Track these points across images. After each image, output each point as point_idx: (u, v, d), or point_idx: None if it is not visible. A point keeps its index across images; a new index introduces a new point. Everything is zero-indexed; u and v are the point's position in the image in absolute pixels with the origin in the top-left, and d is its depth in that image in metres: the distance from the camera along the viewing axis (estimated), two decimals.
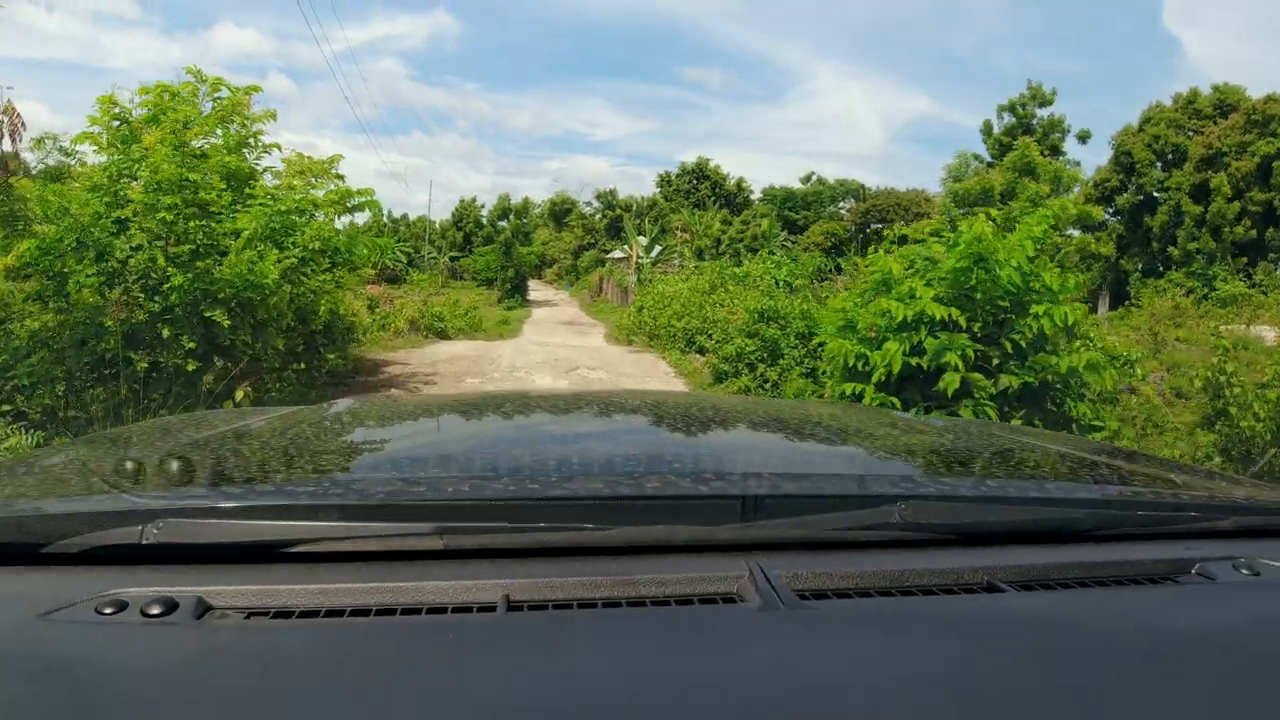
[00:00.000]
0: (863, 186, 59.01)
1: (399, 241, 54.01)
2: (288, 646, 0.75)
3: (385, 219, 57.33)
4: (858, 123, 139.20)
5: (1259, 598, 0.93)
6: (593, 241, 53.58)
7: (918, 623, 0.83)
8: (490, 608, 0.82)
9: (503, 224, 54.50)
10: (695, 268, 23.06)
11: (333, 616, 0.80)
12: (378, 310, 17.56)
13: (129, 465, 1.32)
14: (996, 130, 29.30)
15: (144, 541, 0.88)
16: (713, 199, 49.64)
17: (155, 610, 0.78)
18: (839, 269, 20.46)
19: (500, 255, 35.35)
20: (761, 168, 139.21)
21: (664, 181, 58.74)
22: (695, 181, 56.89)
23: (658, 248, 33.90)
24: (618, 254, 43.69)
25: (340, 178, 9.51)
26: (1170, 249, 23.03)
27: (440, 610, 0.82)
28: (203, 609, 0.80)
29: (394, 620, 0.80)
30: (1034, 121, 29.02)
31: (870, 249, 7.48)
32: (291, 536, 0.91)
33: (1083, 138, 14.87)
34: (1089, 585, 0.93)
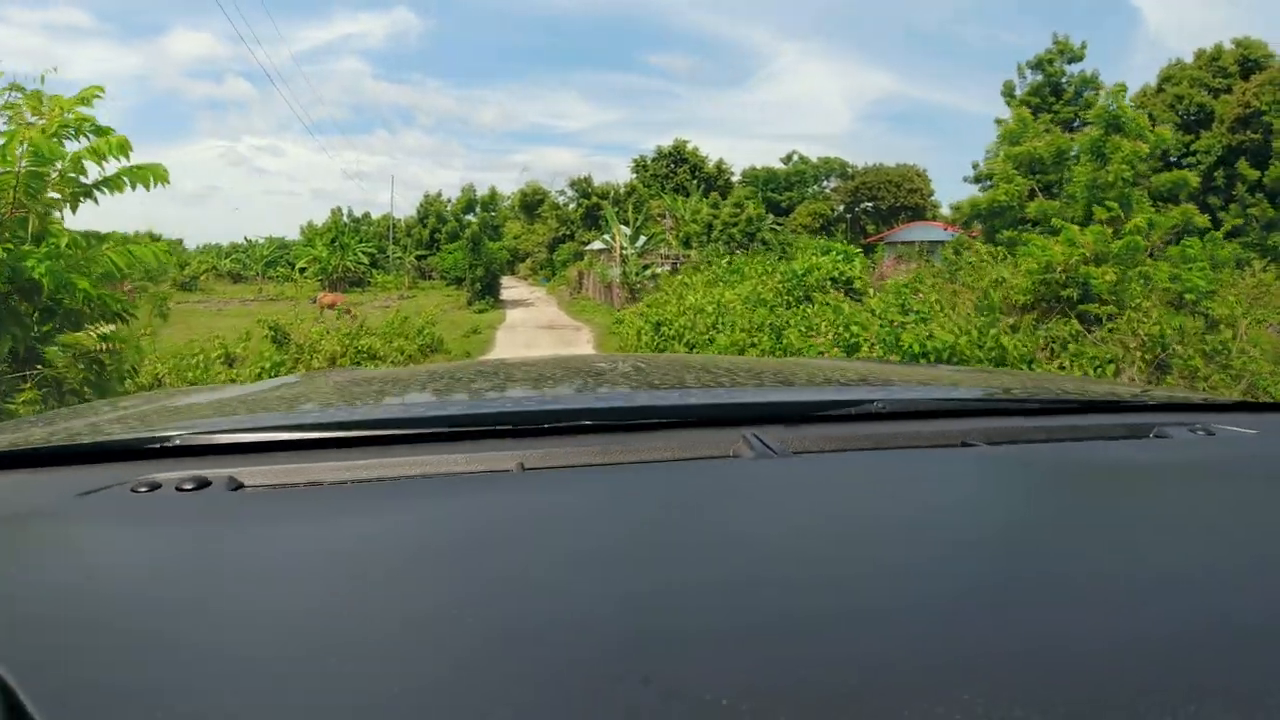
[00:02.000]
0: (846, 165, 56.53)
1: (360, 242, 51.43)
2: (324, 509, 0.78)
3: (345, 218, 54.24)
4: (825, 103, 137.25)
5: (1212, 446, 1.01)
6: (569, 233, 50.30)
7: (902, 466, 0.90)
8: (506, 470, 0.89)
9: (470, 218, 50.98)
10: (727, 263, 18.94)
11: (361, 484, 0.87)
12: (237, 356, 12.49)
13: (147, 413, 1.40)
14: (1020, 90, 26.59)
15: (156, 446, 0.96)
16: (694, 182, 46.80)
17: (189, 486, 0.83)
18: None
19: (468, 252, 32.03)
20: (732, 152, 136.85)
21: (640, 166, 55.80)
22: (673, 165, 54.10)
23: (643, 237, 30.90)
24: (597, 245, 40.62)
25: (86, 120, 5.63)
26: (1221, 214, 20.61)
27: (460, 475, 0.88)
28: (235, 485, 0.85)
29: (421, 481, 0.86)
30: (1063, 80, 26.37)
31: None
32: (316, 438, 0.98)
33: (1118, 94, 12.40)
34: (1055, 442, 1.01)
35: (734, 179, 54.49)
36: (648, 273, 28.90)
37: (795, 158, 60.31)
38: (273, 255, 49.35)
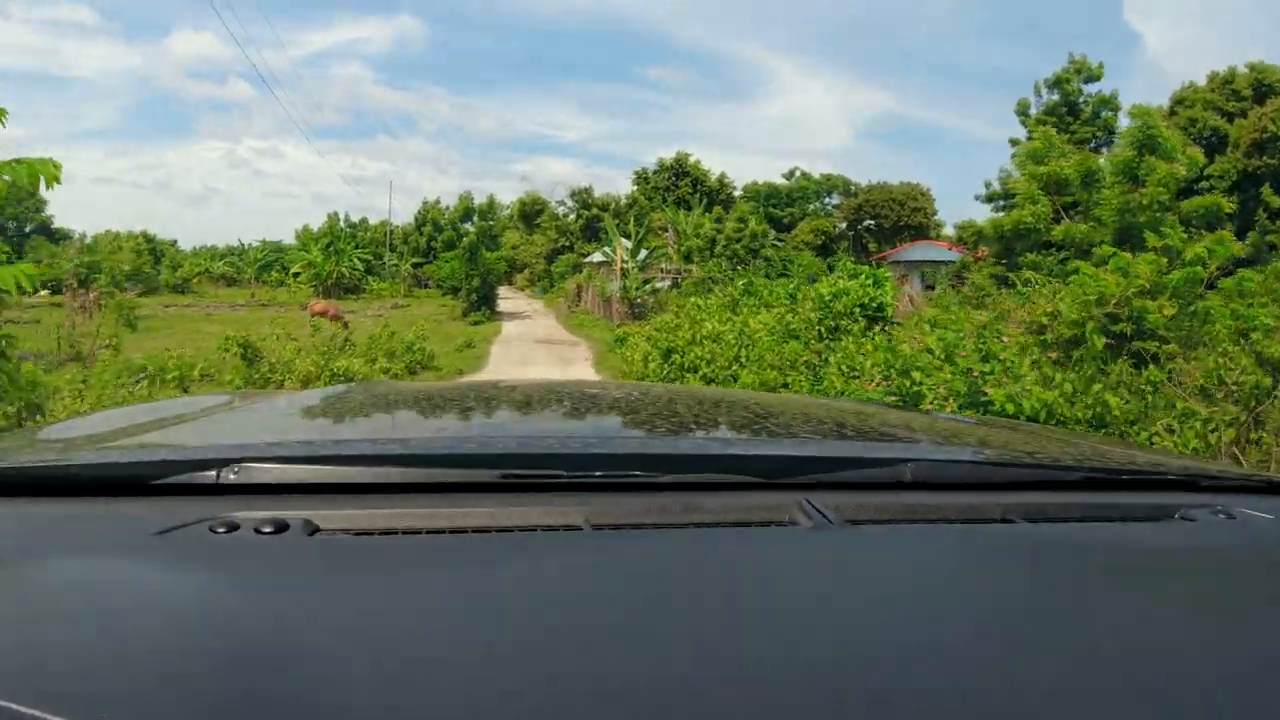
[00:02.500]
0: (849, 182, 56.00)
1: (357, 248, 50.68)
2: (401, 559, 0.79)
3: (342, 223, 53.58)
4: (823, 119, 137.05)
5: (1235, 530, 1.03)
6: (568, 244, 49.61)
7: (948, 542, 0.92)
8: (576, 527, 0.89)
9: (467, 226, 50.06)
10: (744, 285, 16.79)
11: (435, 534, 0.87)
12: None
13: (203, 421, 1.45)
14: (1035, 109, 26.01)
15: (231, 481, 0.94)
16: (695, 196, 46.23)
17: (268, 529, 0.83)
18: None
19: (464, 262, 31.23)
20: (729, 166, 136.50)
21: (641, 179, 55.28)
22: (675, 178, 53.59)
23: (644, 251, 30.24)
24: (596, 257, 39.95)
25: None
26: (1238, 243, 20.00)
27: (531, 530, 0.89)
28: (312, 529, 0.85)
29: (497, 537, 0.87)
30: (1080, 100, 25.78)
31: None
32: (386, 479, 0.98)
33: (1147, 114, 11.76)
34: (1087, 521, 1.05)
35: (735, 194, 53.91)
36: (648, 287, 28.22)
37: (798, 174, 59.92)
38: (267, 259, 48.54)
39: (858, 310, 9.90)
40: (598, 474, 1.00)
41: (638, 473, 1.02)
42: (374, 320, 29.54)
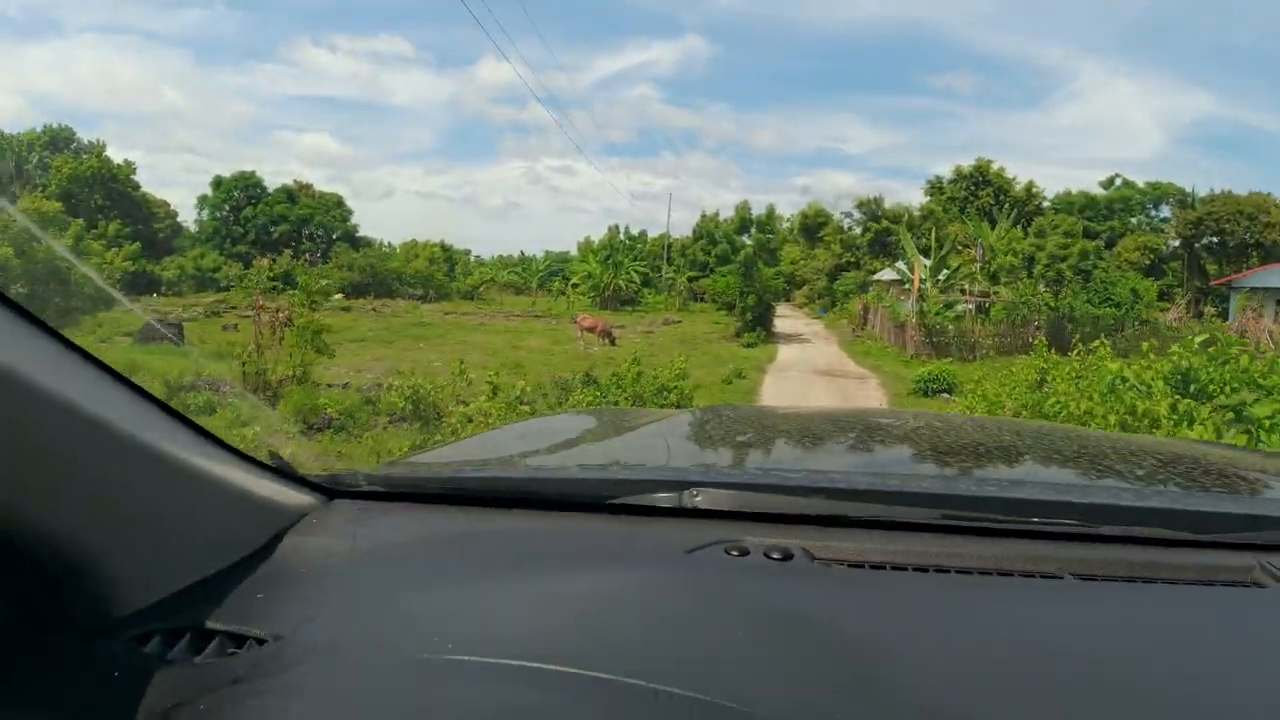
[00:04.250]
0: (1183, 191, 46.23)
1: (635, 260, 50.53)
2: (894, 593, 0.86)
3: (622, 235, 53.98)
4: (1133, 125, 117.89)
5: None
6: (854, 260, 45.59)
7: None
8: (1055, 575, 0.89)
9: (744, 239, 47.54)
10: (1203, 344, 11.02)
11: (919, 571, 0.90)
12: None
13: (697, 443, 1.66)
14: None
15: (692, 505, 1.01)
16: (999, 208, 40.33)
17: (776, 555, 0.90)
18: None
19: (740, 277, 28.74)
20: (1028, 177, 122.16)
21: (935, 189, 49.92)
22: (974, 188, 47.71)
23: (945, 270, 25.92)
24: (886, 274, 35.88)
25: None
26: None
27: (1007, 574, 0.90)
28: (810, 558, 0.91)
29: (980, 579, 0.89)
30: None
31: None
32: (855, 513, 1.00)
33: None
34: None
35: (1043, 205, 46.69)
36: (950, 312, 23.99)
37: (1118, 182, 50.96)
38: (550, 269, 49.94)
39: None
40: (1071, 522, 1.00)
41: (1078, 522, 1.01)
42: (642, 337, 28.13)
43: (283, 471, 1.04)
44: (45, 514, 0.70)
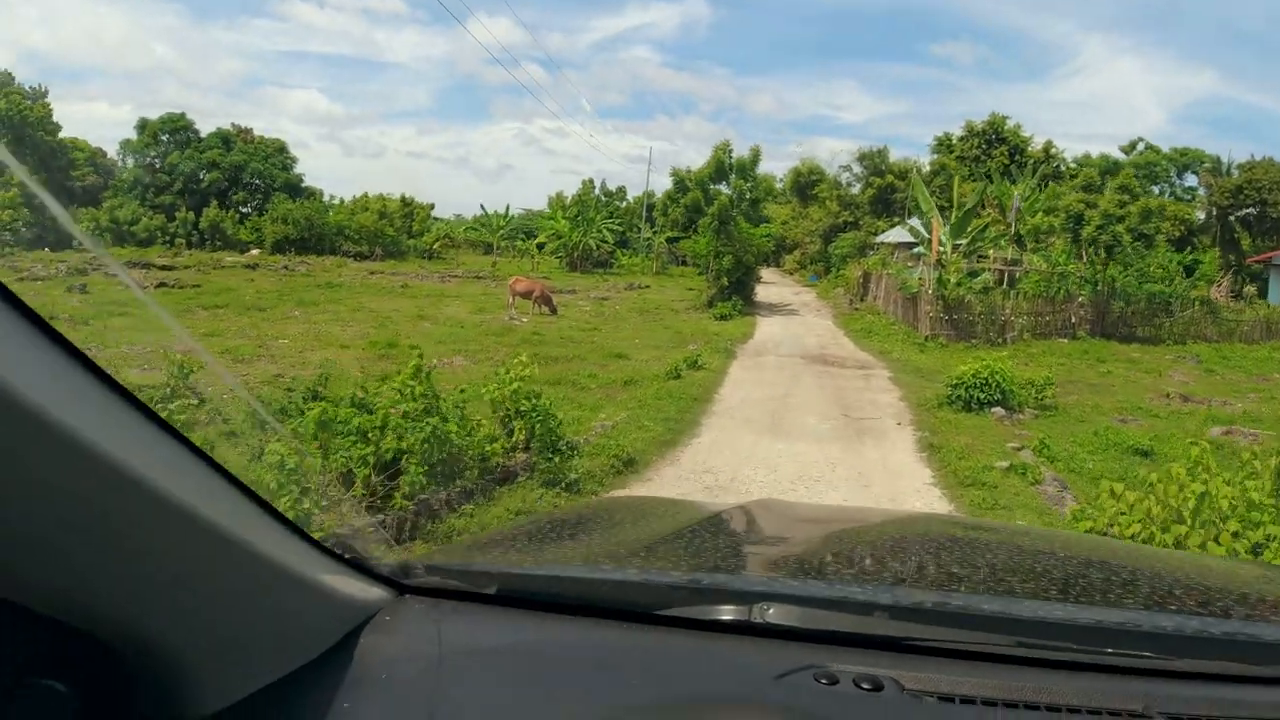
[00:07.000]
0: (1217, 159, 41.18)
1: (609, 218, 45.19)
2: None
3: (597, 191, 48.86)
4: (1135, 101, 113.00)
5: None
6: (852, 220, 40.49)
7: None
8: (1145, 716, 0.88)
9: (721, 188, 40.52)
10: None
11: (1009, 707, 0.89)
12: None
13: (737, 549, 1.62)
14: None
15: (762, 621, 1.00)
16: (1016, 167, 35.37)
17: (866, 686, 0.89)
18: None
19: (713, 234, 23.62)
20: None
21: (943, 145, 44.84)
22: (987, 146, 42.71)
23: (967, 233, 21.09)
24: (893, 236, 31.13)
25: None
26: None
27: (1097, 713, 0.89)
28: (900, 688, 0.90)
29: (1060, 717, 0.88)
30: None
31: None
32: (935, 638, 0.99)
33: None
34: None
35: (1061, 169, 41.77)
36: (976, 282, 19.31)
37: (1141, 146, 46.02)
38: (514, 226, 44.64)
39: None
40: (1148, 654, 0.98)
41: (1154, 655, 0.99)
42: (595, 305, 23.34)
43: (357, 564, 1.02)
44: (127, 604, 0.67)
